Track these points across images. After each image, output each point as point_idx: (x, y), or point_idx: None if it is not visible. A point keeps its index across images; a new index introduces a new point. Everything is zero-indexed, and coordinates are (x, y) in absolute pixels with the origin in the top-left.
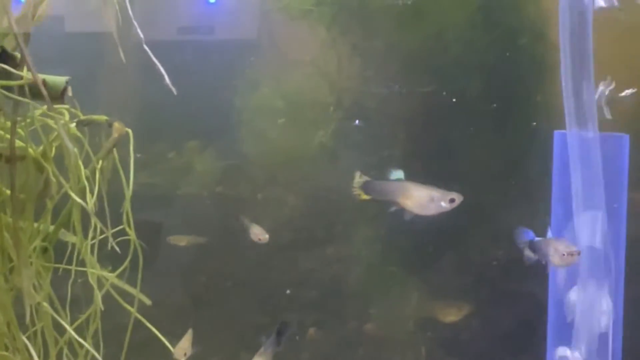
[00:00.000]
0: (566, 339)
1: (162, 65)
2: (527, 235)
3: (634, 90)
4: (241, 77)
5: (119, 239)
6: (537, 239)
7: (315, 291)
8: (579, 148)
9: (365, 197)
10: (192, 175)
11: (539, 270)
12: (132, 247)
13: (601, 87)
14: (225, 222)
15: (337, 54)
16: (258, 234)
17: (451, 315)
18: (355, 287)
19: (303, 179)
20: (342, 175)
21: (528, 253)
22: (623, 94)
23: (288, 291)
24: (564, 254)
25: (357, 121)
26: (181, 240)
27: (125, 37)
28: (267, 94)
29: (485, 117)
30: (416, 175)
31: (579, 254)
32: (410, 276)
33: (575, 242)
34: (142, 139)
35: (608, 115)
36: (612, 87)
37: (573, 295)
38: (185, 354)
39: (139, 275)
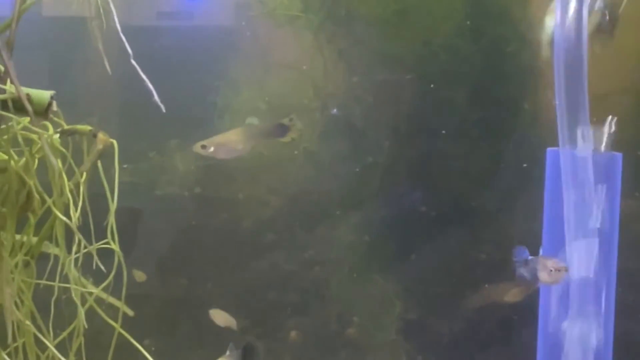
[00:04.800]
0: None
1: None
2: (523, 253)
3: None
4: (224, 76)
5: (101, 242)
6: (530, 257)
7: (296, 293)
8: (571, 166)
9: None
10: (173, 175)
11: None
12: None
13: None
14: (206, 221)
15: (323, 59)
16: None
17: (515, 295)
18: (337, 291)
19: (285, 180)
20: (325, 177)
21: (521, 272)
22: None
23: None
24: (551, 270)
25: (334, 110)
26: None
27: (105, 24)
28: (249, 95)
29: (472, 124)
30: (400, 182)
31: (566, 270)
32: (392, 280)
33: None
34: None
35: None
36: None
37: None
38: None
39: (124, 290)
